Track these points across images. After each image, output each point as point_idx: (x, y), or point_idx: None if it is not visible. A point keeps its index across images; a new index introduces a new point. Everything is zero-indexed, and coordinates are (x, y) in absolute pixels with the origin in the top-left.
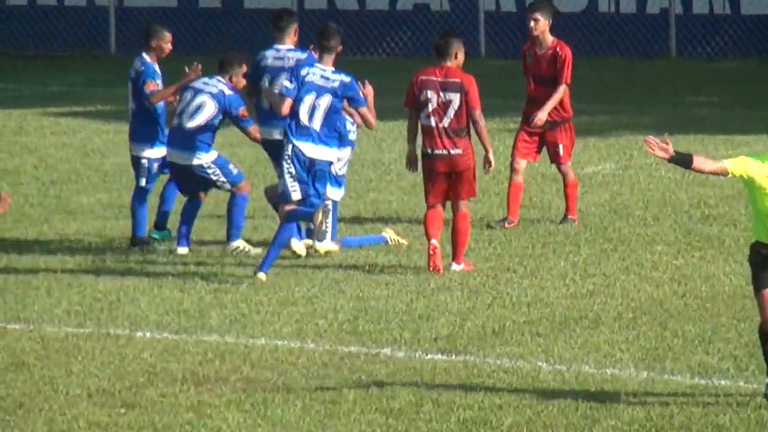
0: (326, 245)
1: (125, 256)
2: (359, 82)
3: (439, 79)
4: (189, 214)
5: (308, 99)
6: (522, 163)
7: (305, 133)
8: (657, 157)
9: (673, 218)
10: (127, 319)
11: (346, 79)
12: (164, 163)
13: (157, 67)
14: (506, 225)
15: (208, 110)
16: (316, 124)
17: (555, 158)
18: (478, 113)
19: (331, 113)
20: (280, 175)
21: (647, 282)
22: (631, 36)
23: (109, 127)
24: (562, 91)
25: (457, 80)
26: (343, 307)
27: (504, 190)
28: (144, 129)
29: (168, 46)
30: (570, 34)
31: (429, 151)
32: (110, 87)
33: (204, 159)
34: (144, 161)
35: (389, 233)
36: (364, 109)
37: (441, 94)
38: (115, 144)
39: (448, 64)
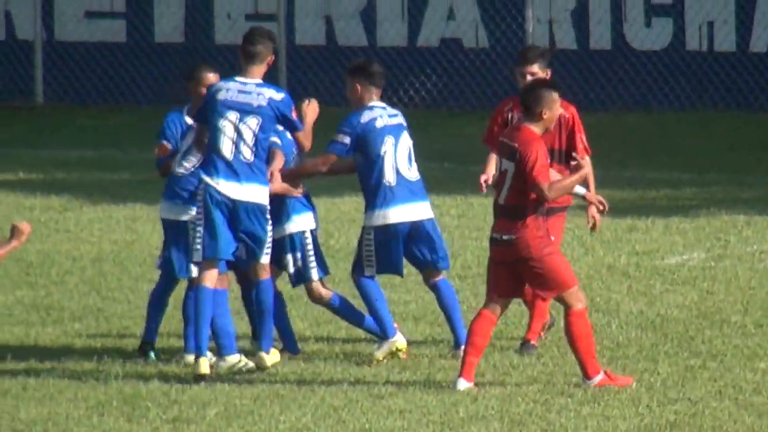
0: (270, 358)
1: (54, 373)
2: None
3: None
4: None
5: (226, 123)
6: None
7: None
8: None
9: None
10: None
11: (278, 94)
12: None
13: None
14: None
15: None
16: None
17: None
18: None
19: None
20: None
21: (746, 410)
22: (728, 81)
23: (35, 202)
24: (589, 165)
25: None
26: None
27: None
28: None
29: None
30: (648, 78)
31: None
32: (37, 147)
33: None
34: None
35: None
36: (299, 134)
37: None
38: (44, 225)
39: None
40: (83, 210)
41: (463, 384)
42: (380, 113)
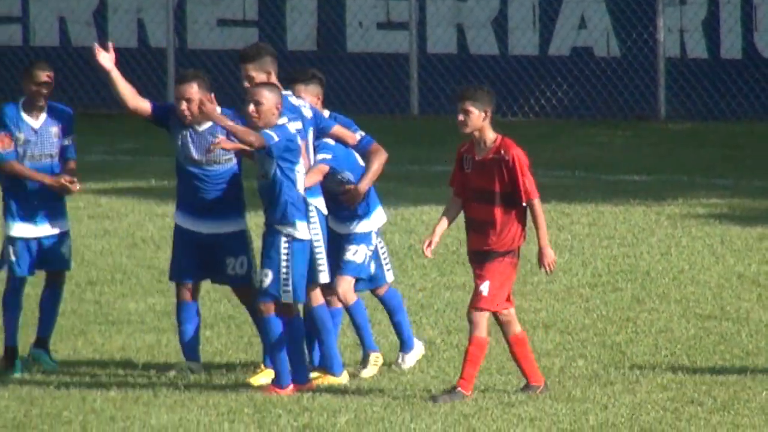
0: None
1: (185, 380)
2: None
3: None
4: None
5: None
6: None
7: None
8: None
9: None
10: None
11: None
12: None
13: None
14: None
15: None
16: None
17: (473, 301)
18: None
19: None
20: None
21: None
22: None
23: (167, 209)
24: (540, 210)
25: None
26: None
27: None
28: None
29: None
30: None
31: None
32: (169, 155)
33: None
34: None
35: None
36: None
37: None
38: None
39: None
40: None
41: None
42: None
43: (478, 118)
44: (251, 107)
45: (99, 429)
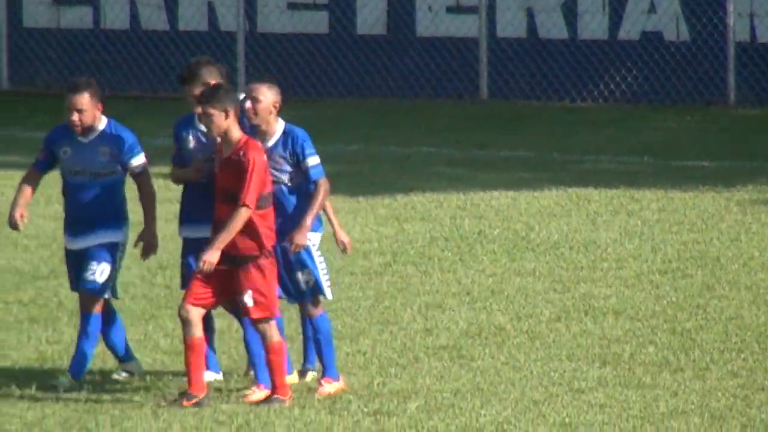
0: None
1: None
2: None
3: None
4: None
5: None
6: (193, 312)
7: None
8: None
9: None
10: None
11: None
12: None
13: None
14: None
15: None
16: None
17: (243, 311)
18: None
19: None
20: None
21: None
22: None
23: None
24: (240, 218)
25: None
26: None
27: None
28: None
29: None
30: None
31: None
32: None
33: None
34: None
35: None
36: None
37: None
38: None
39: None
40: None
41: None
42: None
43: (220, 119)
44: (248, 104)
45: (169, 414)
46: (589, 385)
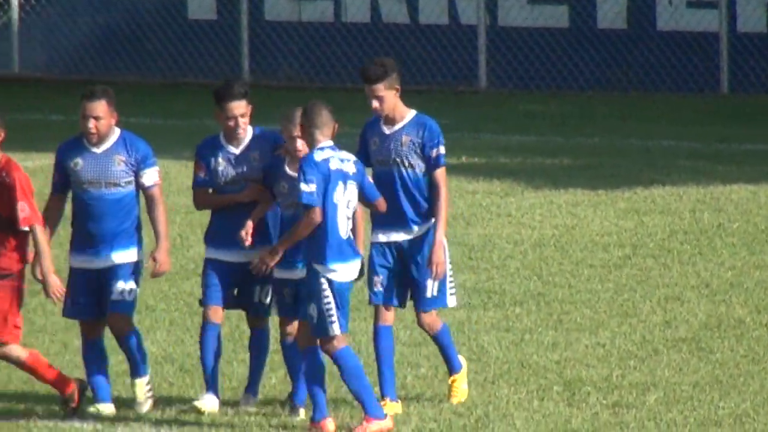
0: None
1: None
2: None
3: None
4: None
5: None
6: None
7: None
8: None
9: None
10: None
11: None
12: None
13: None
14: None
15: None
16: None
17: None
18: None
19: None
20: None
21: None
22: None
23: (477, 186)
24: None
25: None
26: None
27: None
28: None
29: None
30: None
31: None
32: (480, 132)
33: None
34: None
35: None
36: None
37: None
38: (486, 209)
39: None
40: (524, 195)
41: None
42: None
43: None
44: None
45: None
46: None
